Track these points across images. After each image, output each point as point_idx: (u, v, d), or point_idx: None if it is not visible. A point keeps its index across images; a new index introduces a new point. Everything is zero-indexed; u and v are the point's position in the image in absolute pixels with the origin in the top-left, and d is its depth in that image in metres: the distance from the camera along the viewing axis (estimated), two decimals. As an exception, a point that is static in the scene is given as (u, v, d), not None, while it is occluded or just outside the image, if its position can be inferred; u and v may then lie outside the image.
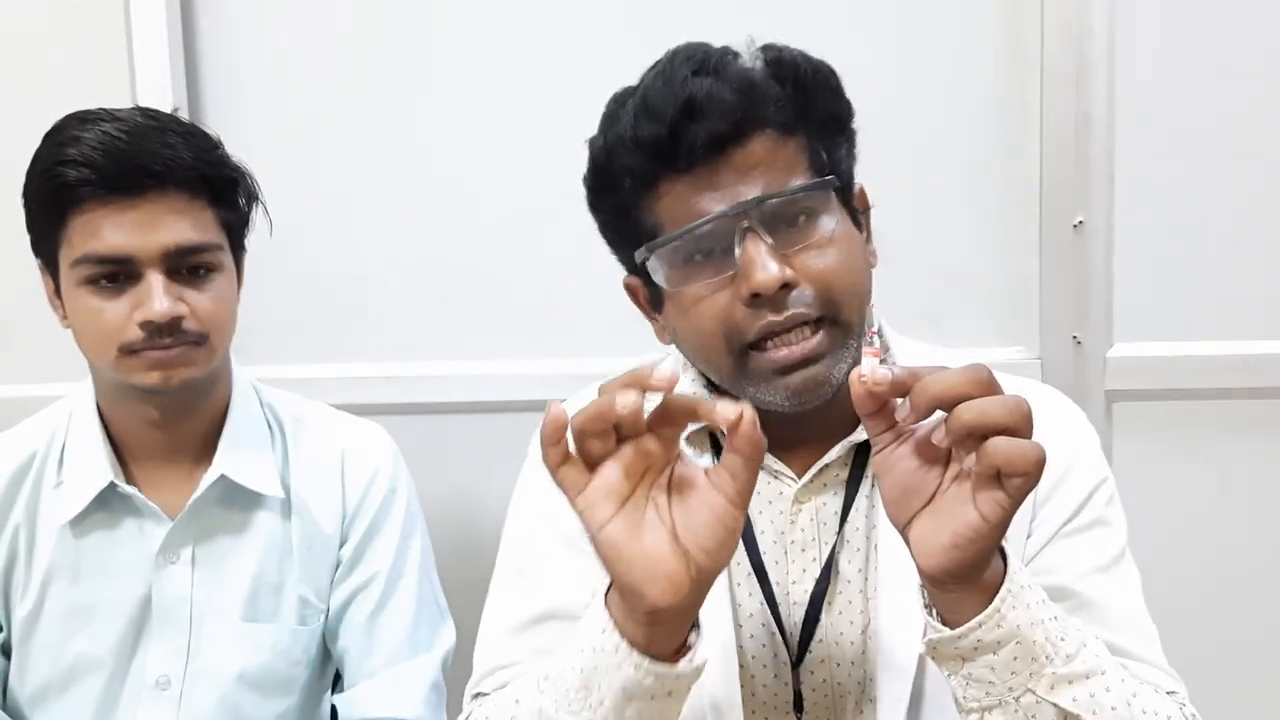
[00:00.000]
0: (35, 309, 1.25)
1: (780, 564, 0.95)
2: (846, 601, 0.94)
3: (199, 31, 1.61)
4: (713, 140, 0.85)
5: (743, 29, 0.91)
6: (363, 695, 1.19)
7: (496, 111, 1.58)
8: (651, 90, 0.87)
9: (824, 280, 0.86)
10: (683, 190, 0.87)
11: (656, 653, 0.74)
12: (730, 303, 0.86)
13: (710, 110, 0.84)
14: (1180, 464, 1.55)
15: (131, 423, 1.17)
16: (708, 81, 0.85)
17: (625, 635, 0.74)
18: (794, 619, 0.94)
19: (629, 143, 0.87)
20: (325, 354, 1.63)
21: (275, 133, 1.59)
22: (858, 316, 0.89)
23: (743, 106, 0.85)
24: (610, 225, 0.95)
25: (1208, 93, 1.48)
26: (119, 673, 1.16)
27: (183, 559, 1.16)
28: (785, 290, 0.84)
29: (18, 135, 1.55)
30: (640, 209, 0.90)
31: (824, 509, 0.95)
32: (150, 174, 1.07)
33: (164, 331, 1.08)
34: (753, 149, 0.86)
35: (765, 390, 0.87)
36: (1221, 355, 1.51)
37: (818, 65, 0.91)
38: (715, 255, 0.87)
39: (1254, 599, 1.56)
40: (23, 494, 1.18)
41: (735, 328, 0.86)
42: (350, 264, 1.62)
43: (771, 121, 0.86)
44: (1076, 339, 1.52)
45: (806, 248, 0.86)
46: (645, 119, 0.86)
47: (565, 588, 0.95)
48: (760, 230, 0.84)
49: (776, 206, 0.86)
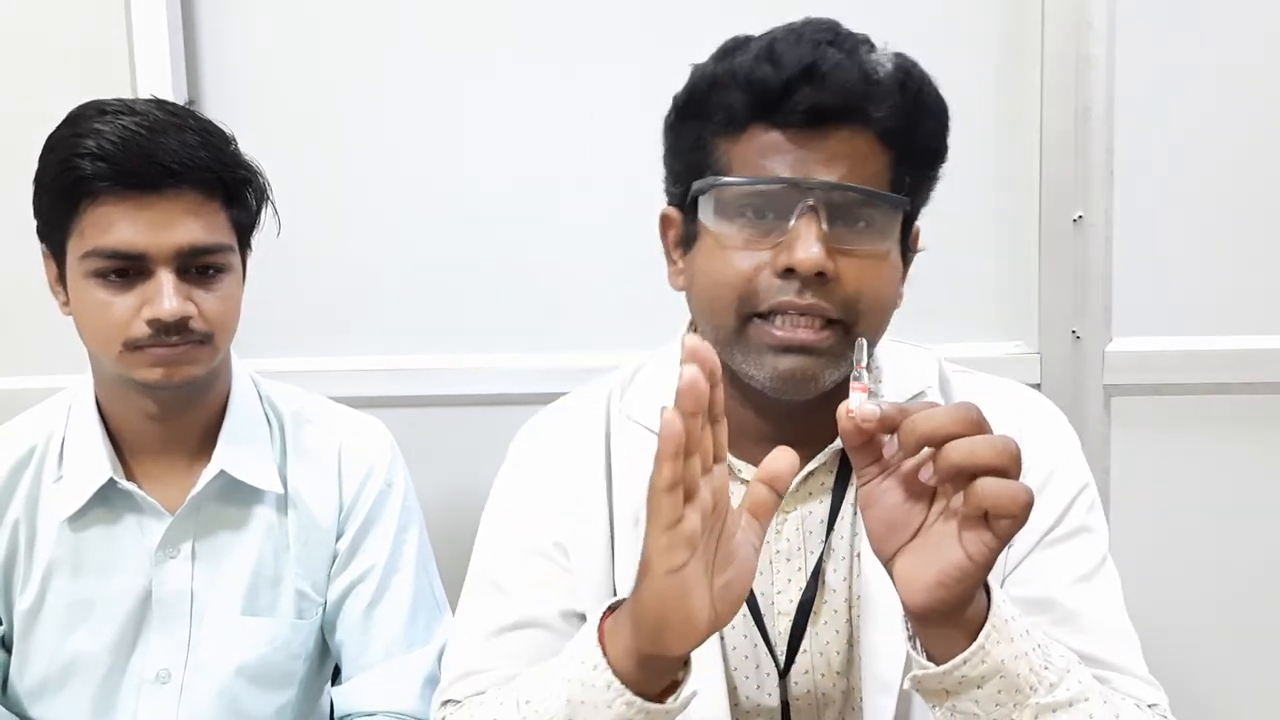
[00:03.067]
0: (33, 300, 1.25)
1: (765, 574, 0.94)
2: (832, 611, 0.94)
3: (199, 23, 1.61)
4: (818, 110, 0.84)
5: (743, 23, 0.91)
6: (359, 688, 1.19)
7: (497, 106, 1.58)
8: (781, 41, 0.85)
9: (857, 290, 0.85)
10: (767, 143, 0.86)
11: (646, 690, 0.74)
12: (761, 268, 0.85)
13: (830, 81, 0.83)
14: (1178, 458, 1.56)
15: (131, 416, 1.17)
16: (839, 55, 0.84)
17: (618, 673, 0.74)
18: (779, 629, 0.94)
19: (741, 79, 0.86)
20: (324, 347, 1.63)
21: (275, 125, 1.59)
22: (870, 338, 0.88)
23: (860, 94, 0.84)
24: (680, 151, 0.93)
25: (1207, 88, 1.48)
26: (119, 667, 1.16)
27: (183, 554, 1.17)
28: (819, 279, 0.83)
29: (18, 126, 1.56)
30: (718, 144, 0.88)
31: (810, 518, 0.94)
32: (169, 173, 1.06)
33: (171, 330, 1.08)
34: (848, 138, 0.85)
35: (753, 364, 0.87)
36: (1220, 350, 1.52)
37: (939, 96, 0.90)
38: (768, 218, 0.86)
39: (1251, 593, 1.56)
40: (22, 488, 1.18)
41: (754, 292, 0.85)
42: (350, 257, 1.62)
43: (877, 123, 0.85)
44: (1075, 334, 1.52)
45: (854, 253, 0.85)
46: (766, 62, 0.84)
47: (539, 598, 0.96)
48: (822, 213, 0.83)
49: (847, 200, 0.85)
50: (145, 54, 1.57)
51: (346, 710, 1.20)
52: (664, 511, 0.68)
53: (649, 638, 0.72)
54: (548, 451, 1.02)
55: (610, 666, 0.74)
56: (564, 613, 0.96)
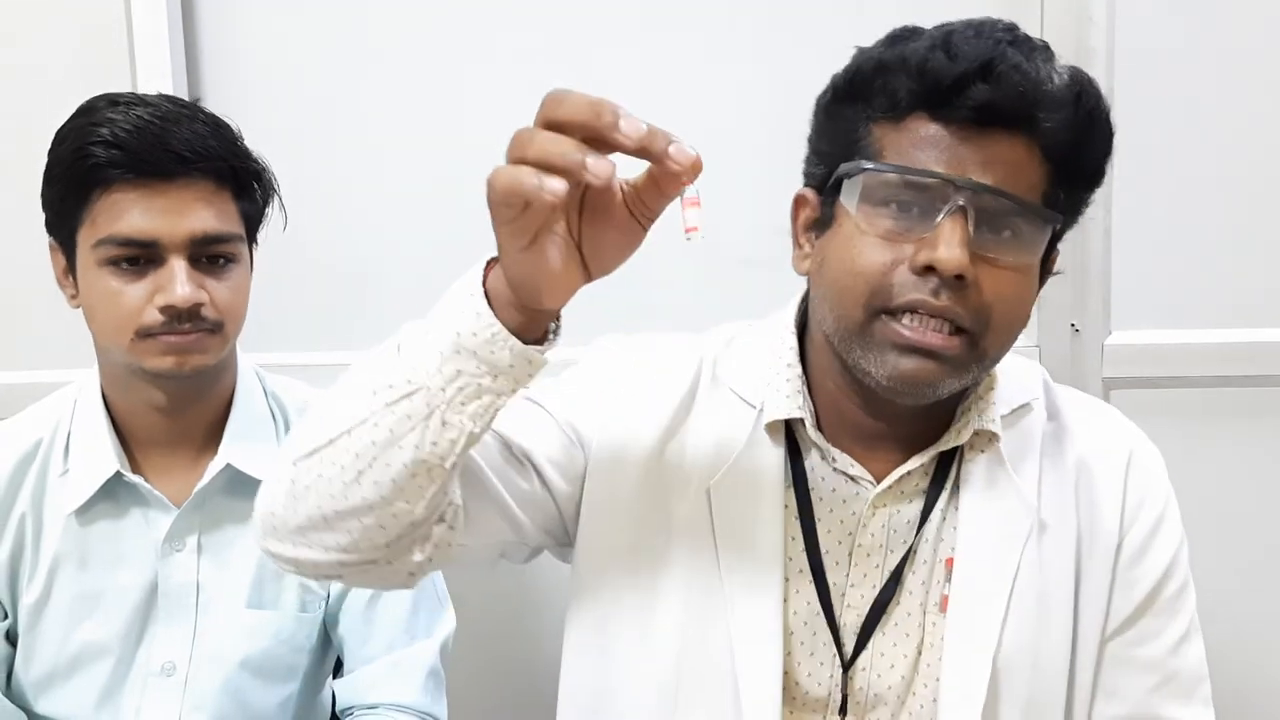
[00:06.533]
0: (36, 295, 1.26)
1: (841, 565, 0.93)
2: (905, 613, 0.93)
3: (199, 19, 1.61)
4: (987, 109, 0.81)
5: (744, 23, 0.91)
6: (361, 681, 1.20)
7: (499, 104, 1.58)
8: (959, 34, 0.82)
9: (994, 300, 0.83)
10: (926, 135, 0.83)
11: (524, 336, 0.75)
12: (898, 262, 0.83)
13: (1004, 81, 0.81)
14: (1178, 452, 1.54)
15: (138, 409, 1.18)
16: (1018, 57, 0.81)
17: (500, 320, 0.74)
18: (848, 623, 0.93)
19: (912, 65, 0.82)
20: (328, 341, 1.63)
21: (277, 121, 1.59)
22: (996, 350, 0.86)
23: (1033, 100, 0.82)
24: (831, 133, 0.90)
25: (1207, 81, 1.48)
26: (125, 659, 1.17)
27: (188, 547, 1.18)
28: (957, 281, 0.81)
29: (18, 123, 1.56)
30: (874, 129, 0.85)
31: (897, 516, 0.93)
32: (182, 160, 1.08)
33: (183, 317, 1.09)
34: (1011, 143, 0.82)
35: (873, 360, 0.84)
36: (1219, 343, 1.52)
37: (1109, 119, 0.88)
38: (914, 212, 0.83)
39: (1252, 586, 1.57)
40: (29, 481, 1.18)
41: (887, 286, 0.83)
42: (353, 251, 1.62)
43: (1044, 133, 0.83)
44: (1074, 326, 1.52)
45: (996, 262, 0.83)
46: (941, 52, 0.81)
47: (533, 434, 0.93)
48: (970, 216, 0.81)
49: (999, 206, 0.82)
50: (145, 53, 1.57)
51: (348, 703, 1.21)
52: (500, 215, 0.70)
53: (522, 289, 0.74)
54: (644, 373, 0.98)
55: (493, 312, 0.74)
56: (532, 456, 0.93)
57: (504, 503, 0.90)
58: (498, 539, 0.92)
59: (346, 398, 0.79)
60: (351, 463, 0.77)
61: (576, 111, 0.68)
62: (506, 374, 0.75)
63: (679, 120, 0.86)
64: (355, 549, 0.79)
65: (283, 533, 0.81)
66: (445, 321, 0.76)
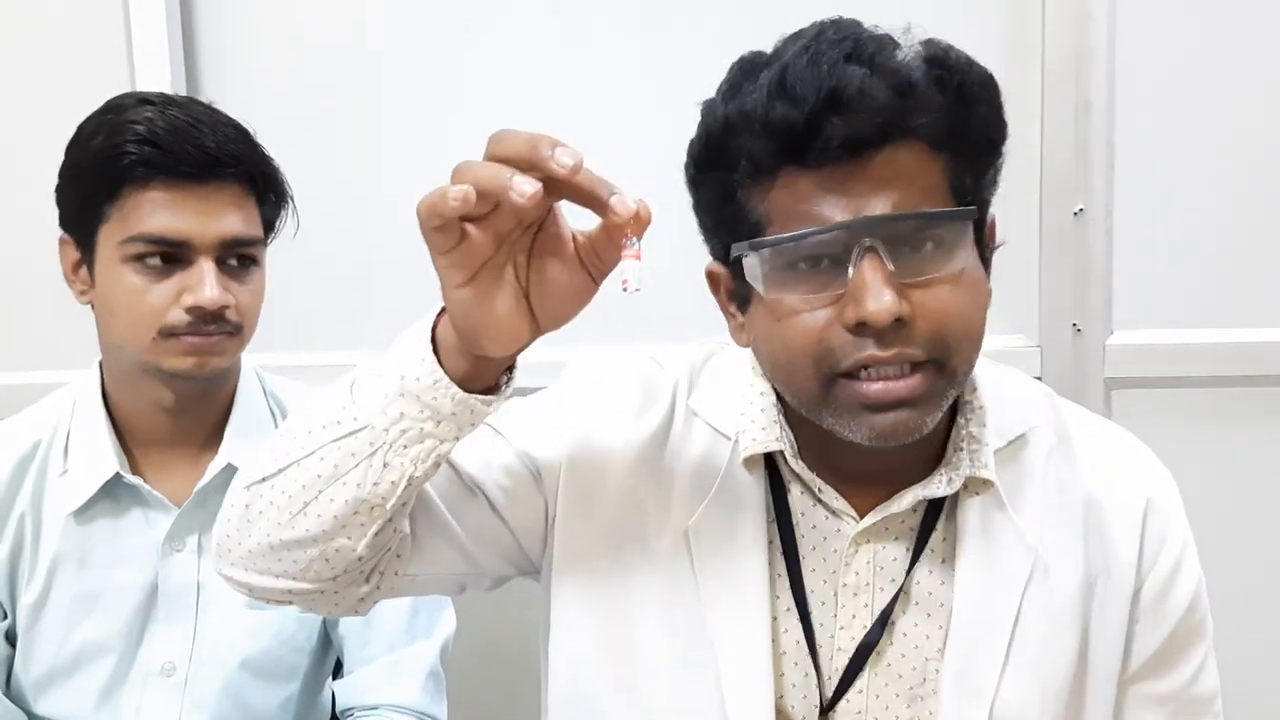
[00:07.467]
0: (34, 295, 1.25)
1: (827, 605, 0.88)
2: (898, 655, 0.87)
3: (198, 19, 1.61)
4: (852, 140, 0.74)
5: (743, 23, 0.90)
6: (361, 682, 1.20)
7: (502, 100, 1.58)
8: (793, 69, 0.74)
9: (941, 322, 0.76)
10: (804, 188, 0.76)
11: (470, 386, 0.74)
12: (829, 324, 0.76)
13: (858, 106, 0.73)
14: (1179, 451, 1.53)
15: (141, 408, 1.18)
16: (860, 72, 0.73)
17: (447, 370, 0.74)
18: (835, 664, 0.88)
19: (756, 123, 0.76)
20: (328, 341, 1.64)
21: (276, 122, 1.57)
22: (965, 365, 0.80)
23: (895, 109, 0.74)
24: (709, 206, 0.83)
25: (1208, 81, 1.48)
26: (125, 659, 1.17)
27: (189, 547, 1.18)
28: (896, 325, 0.75)
29: (18, 123, 1.57)
30: (749, 196, 0.79)
31: (882, 553, 0.87)
32: (215, 162, 1.09)
33: (209, 319, 1.10)
34: (894, 158, 0.75)
35: (847, 425, 0.79)
36: (1221, 343, 1.51)
37: (984, 77, 0.80)
38: (824, 268, 0.76)
39: (1252, 586, 1.56)
40: (28, 482, 1.18)
41: (830, 353, 0.77)
42: (353, 251, 1.63)
43: (922, 133, 0.76)
44: (1076, 326, 1.52)
45: (929, 282, 0.76)
46: (781, 101, 0.74)
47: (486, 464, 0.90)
48: (882, 252, 0.74)
49: (906, 229, 0.76)
50: (144, 53, 1.57)
51: (348, 704, 1.21)
52: (433, 244, 0.69)
53: (467, 337, 0.72)
54: (613, 402, 0.93)
55: (440, 363, 0.73)
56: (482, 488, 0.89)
57: (453, 533, 0.87)
58: (449, 570, 0.90)
59: (301, 428, 0.79)
60: (298, 493, 0.77)
61: (515, 146, 0.68)
62: (449, 420, 0.74)
63: (679, 120, 0.86)
64: (303, 578, 0.81)
65: (235, 556, 0.82)
66: (394, 363, 0.75)
